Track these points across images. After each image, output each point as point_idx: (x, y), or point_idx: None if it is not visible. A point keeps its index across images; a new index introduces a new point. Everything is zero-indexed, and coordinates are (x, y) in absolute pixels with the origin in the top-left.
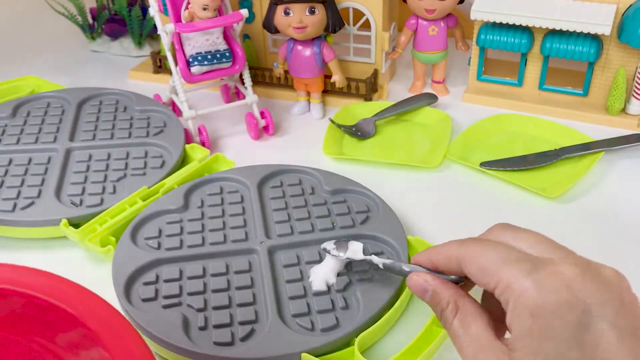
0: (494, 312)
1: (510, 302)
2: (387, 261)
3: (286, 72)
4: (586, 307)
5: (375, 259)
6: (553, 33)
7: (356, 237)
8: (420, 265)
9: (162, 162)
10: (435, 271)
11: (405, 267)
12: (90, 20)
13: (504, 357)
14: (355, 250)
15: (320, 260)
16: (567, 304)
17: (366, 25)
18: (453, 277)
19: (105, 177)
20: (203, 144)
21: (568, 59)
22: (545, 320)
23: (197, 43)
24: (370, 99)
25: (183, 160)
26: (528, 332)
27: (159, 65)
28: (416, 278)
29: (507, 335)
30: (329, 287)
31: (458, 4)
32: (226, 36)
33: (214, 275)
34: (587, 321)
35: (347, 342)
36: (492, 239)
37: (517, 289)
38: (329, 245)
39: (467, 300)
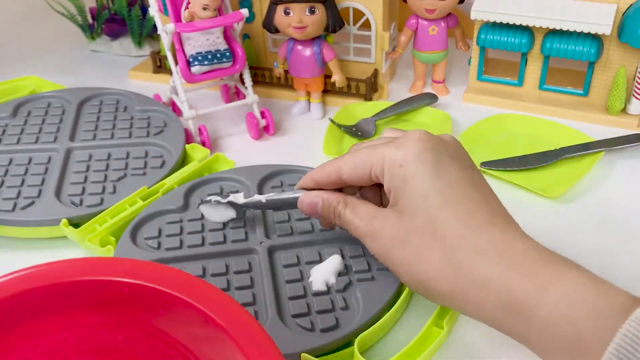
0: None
1: (384, 169)
2: (271, 195)
3: (286, 72)
4: (435, 150)
5: (257, 196)
6: (553, 33)
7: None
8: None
9: (162, 162)
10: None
11: (292, 194)
12: (90, 20)
13: (390, 213)
14: (236, 197)
15: (320, 260)
16: (422, 150)
17: (366, 25)
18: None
19: (105, 177)
20: (203, 144)
21: (568, 59)
22: (411, 166)
23: (197, 43)
24: (371, 99)
25: (183, 160)
26: (402, 181)
27: (159, 65)
28: (305, 198)
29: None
30: (328, 288)
31: (458, 3)
32: (226, 36)
33: (213, 275)
34: (438, 158)
35: (346, 343)
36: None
37: (385, 156)
38: (211, 197)
39: (352, 197)
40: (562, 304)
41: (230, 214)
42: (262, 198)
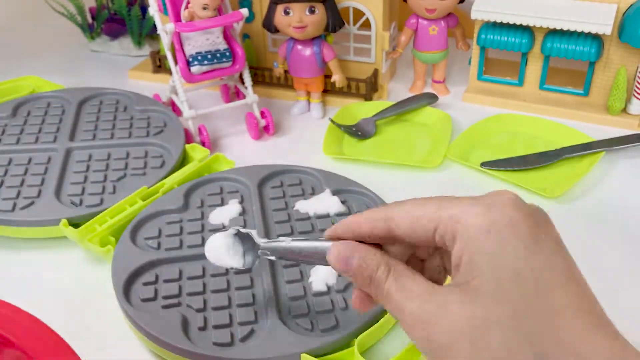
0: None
1: (458, 231)
2: (296, 243)
3: (286, 71)
4: (532, 220)
5: (282, 239)
6: (554, 33)
7: None
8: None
9: (162, 162)
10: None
11: (321, 244)
12: (90, 20)
13: (453, 295)
14: (253, 233)
15: None
16: (523, 216)
17: (366, 25)
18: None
19: (105, 177)
20: (203, 144)
21: (569, 59)
22: (504, 232)
23: (197, 43)
24: (371, 99)
25: (183, 160)
26: (487, 251)
27: (159, 65)
28: (338, 248)
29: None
30: (328, 288)
31: (458, 3)
32: (226, 36)
33: (213, 275)
34: (536, 231)
35: (346, 343)
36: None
37: (466, 216)
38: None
39: (397, 262)
40: None
41: (236, 262)
42: (287, 240)
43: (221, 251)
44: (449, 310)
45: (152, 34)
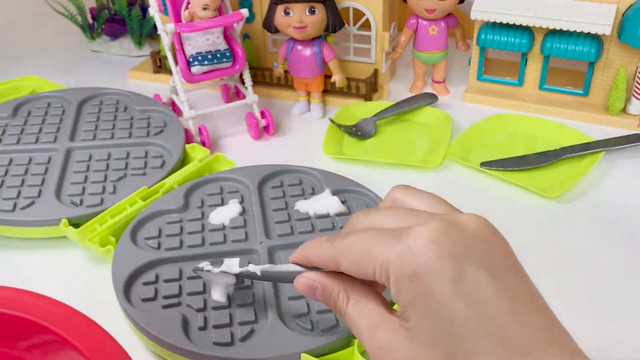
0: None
1: (390, 277)
2: (265, 267)
3: (286, 72)
4: (455, 257)
5: (252, 267)
6: (553, 33)
7: None
8: (300, 265)
9: (162, 162)
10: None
11: (286, 268)
12: (90, 20)
13: (399, 329)
14: (230, 264)
15: None
16: (438, 259)
17: (366, 25)
18: None
19: (106, 177)
20: (203, 144)
21: (568, 59)
22: (424, 282)
23: (197, 43)
24: (371, 99)
25: (183, 160)
26: (412, 299)
27: (159, 65)
28: (302, 280)
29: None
30: None
31: (458, 3)
32: (226, 36)
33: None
34: (459, 270)
35: (346, 343)
36: (388, 203)
37: (390, 263)
38: (204, 264)
39: (356, 285)
40: None
41: (229, 280)
42: (257, 270)
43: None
44: (394, 346)
45: (152, 34)
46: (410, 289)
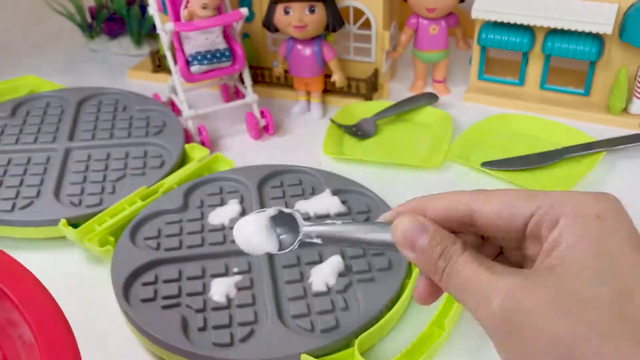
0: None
1: (563, 214)
2: (348, 226)
3: (286, 71)
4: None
5: (307, 228)
6: (554, 32)
7: None
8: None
9: (161, 161)
10: None
11: (377, 225)
12: (89, 20)
13: (546, 272)
14: (296, 214)
15: (320, 261)
16: (619, 208)
17: (366, 24)
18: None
19: (105, 176)
20: (203, 144)
21: (569, 59)
22: (613, 218)
23: (196, 42)
24: (371, 99)
25: (183, 160)
26: (594, 235)
27: (158, 65)
28: (407, 222)
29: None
30: (328, 288)
31: (459, 2)
32: (226, 35)
33: (213, 275)
34: (633, 224)
35: (347, 344)
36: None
37: (573, 201)
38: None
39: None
40: None
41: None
42: (338, 223)
43: (256, 234)
44: (539, 285)
45: (151, 33)
46: (594, 224)
